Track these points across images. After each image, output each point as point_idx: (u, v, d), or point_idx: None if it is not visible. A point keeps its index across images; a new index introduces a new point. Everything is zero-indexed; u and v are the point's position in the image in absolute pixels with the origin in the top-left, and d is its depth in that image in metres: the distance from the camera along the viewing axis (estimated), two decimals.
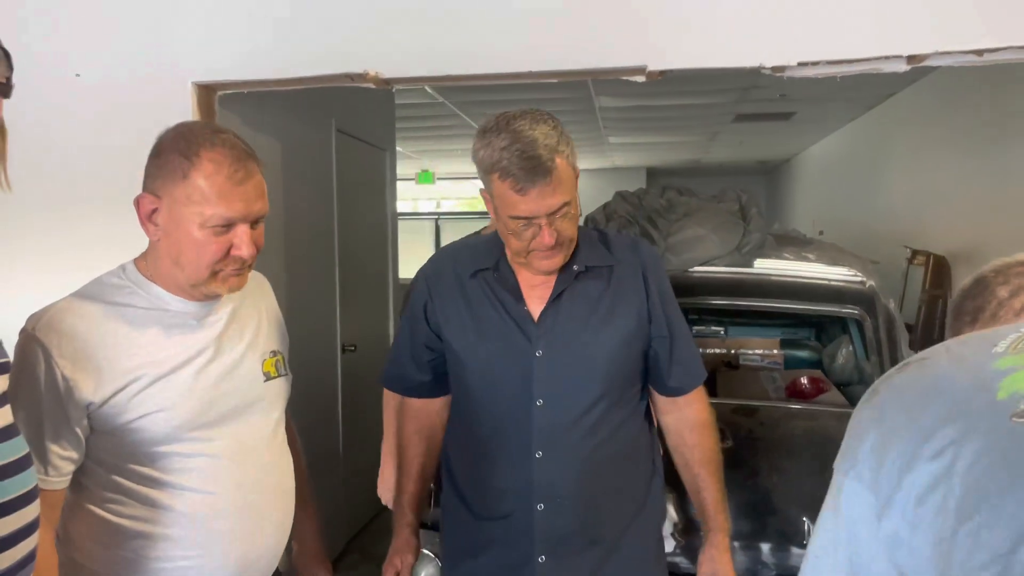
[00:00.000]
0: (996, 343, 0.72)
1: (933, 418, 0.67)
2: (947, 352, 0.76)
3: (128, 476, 1.27)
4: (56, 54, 2.35)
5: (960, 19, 1.99)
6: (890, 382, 0.75)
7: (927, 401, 0.69)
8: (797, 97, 6.26)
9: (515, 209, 1.42)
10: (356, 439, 3.82)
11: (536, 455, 1.51)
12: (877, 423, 0.72)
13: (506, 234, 1.49)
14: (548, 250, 1.45)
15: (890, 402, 0.73)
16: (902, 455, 0.68)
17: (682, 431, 1.63)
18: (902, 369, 0.76)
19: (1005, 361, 0.69)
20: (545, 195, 1.40)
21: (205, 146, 1.24)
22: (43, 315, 1.25)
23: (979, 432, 0.64)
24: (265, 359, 1.41)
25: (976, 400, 0.66)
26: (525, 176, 1.39)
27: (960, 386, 0.69)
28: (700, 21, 2.11)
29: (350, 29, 2.25)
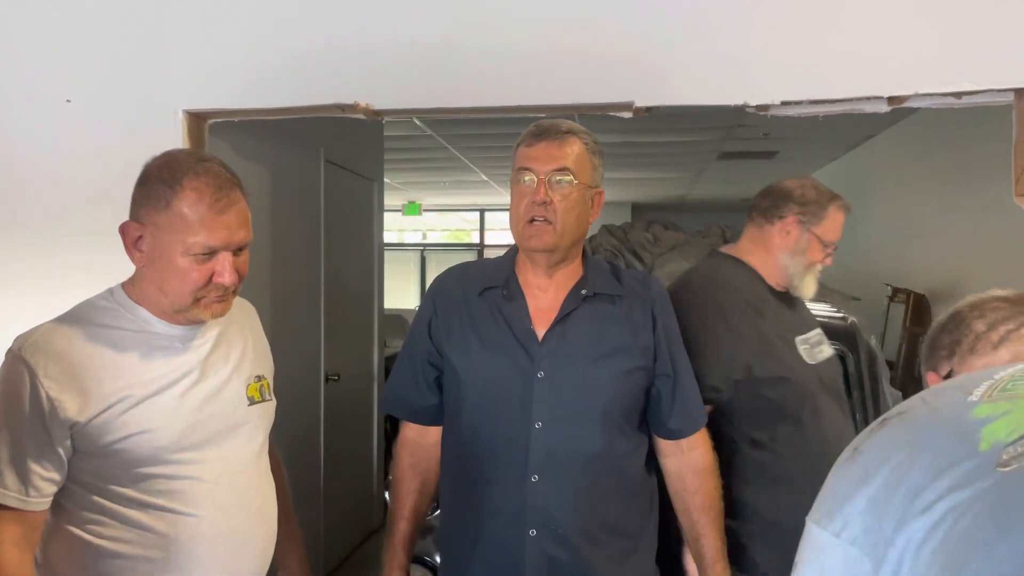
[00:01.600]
0: (971, 391, 0.73)
1: (921, 473, 0.68)
2: (924, 404, 0.76)
3: (110, 497, 1.26)
4: (47, 80, 2.36)
5: (939, 62, 2.04)
6: (872, 439, 0.76)
7: (913, 458, 0.70)
8: (780, 136, 6.36)
9: (522, 161, 1.50)
10: (337, 469, 3.79)
11: (532, 479, 1.49)
12: (864, 483, 0.72)
13: (512, 207, 1.54)
14: (541, 222, 1.48)
15: (875, 461, 0.73)
16: (895, 514, 0.68)
17: (683, 475, 1.60)
18: (883, 425, 0.76)
19: (981, 410, 0.70)
20: (551, 150, 1.49)
21: (188, 175, 1.25)
22: (30, 336, 1.26)
23: (966, 485, 0.65)
24: (250, 383, 1.41)
25: (959, 452, 0.67)
26: (537, 131, 1.51)
27: (942, 440, 0.70)
28: (686, 59, 2.15)
29: (341, 60, 2.27)
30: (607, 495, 1.53)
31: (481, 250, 11.64)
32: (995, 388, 0.72)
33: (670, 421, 1.58)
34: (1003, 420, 0.68)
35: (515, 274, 1.59)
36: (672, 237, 2.86)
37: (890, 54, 2.07)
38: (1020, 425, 0.67)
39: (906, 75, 2.06)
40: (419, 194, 10.12)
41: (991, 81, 2.03)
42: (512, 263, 1.61)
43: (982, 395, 0.72)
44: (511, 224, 1.57)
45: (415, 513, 1.66)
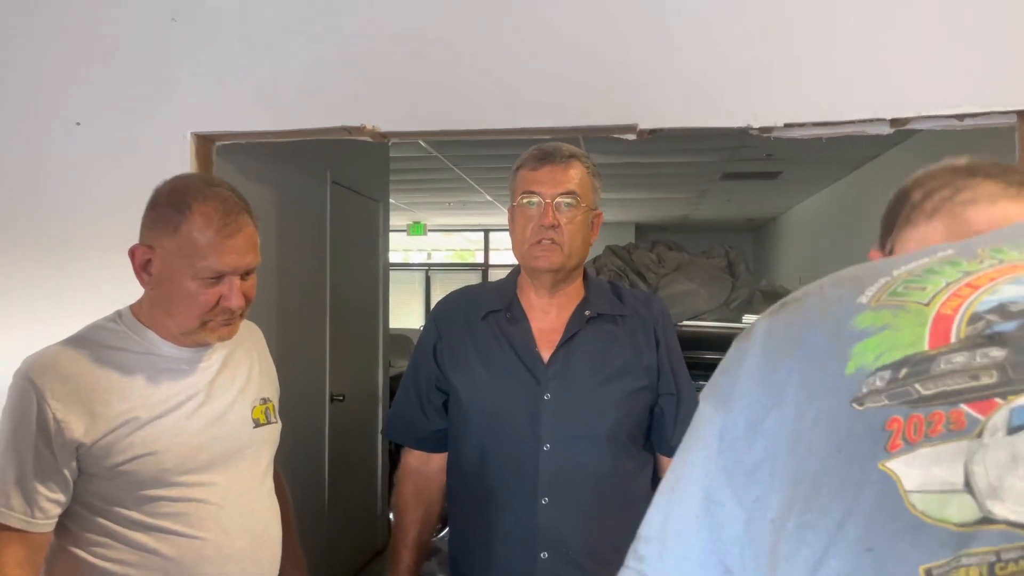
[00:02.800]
0: (864, 289, 0.64)
1: (786, 374, 0.61)
2: (820, 293, 0.67)
3: (114, 519, 1.26)
4: (57, 102, 2.39)
5: (942, 85, 2.06)
6: (767, 321, 0.68)
7: (786, 352, 0.63)
8: (783, 157, 6.38)
9: (527, 185, 1.52)
10: (342, 490, 3.78)
11: (542, 501, 1.49)
12: (744, 365, 0.66)
13: (515, 230, 1.55)
14: (548, 243, 1.50)
15: (757, 345, 0.66)
16: (751, 408, 0.62)
17: None
18: (781, 308, 0.69)
19: (863, 319, 0.61)
20: (556, 174, 1.51)
21: (197, 199, 1.27)
22: (38, 358, 1.27)
23: (819, 411, 0.57)
24: (255, 406, 1.42)
25: (827, 367, 0.60)
26: (540, 155, 1.53)
27: (817, 344, 0.61)
28: (690, 82, 2.17)
29: (348, 83, 2.30)
30: (616, 515, 1.53)
31: (486, 270, 11.66)
32: (886, 290, 0.62)
33: (674, 439, 1.59)
34: (876, 339, 0.58)
35: (517, 297, 1.60)
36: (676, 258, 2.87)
37: (893, 76, 2.08)
38: (890, 349, 0.57)
39: (908, 97, 2.08)
40: (424, 214, 10.15)
41: (993, 103, 2.05)
42: (514, 286, 1.62)
43: (872, 297, 0.62)
44: (514, 246, 1.58)
45: (419, 543, 1.66)
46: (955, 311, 0.57)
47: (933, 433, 0.52)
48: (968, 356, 0.54)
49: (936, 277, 0.61)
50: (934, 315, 0.57)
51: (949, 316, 0.57)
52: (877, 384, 0.55)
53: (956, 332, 0.56)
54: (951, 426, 0.52)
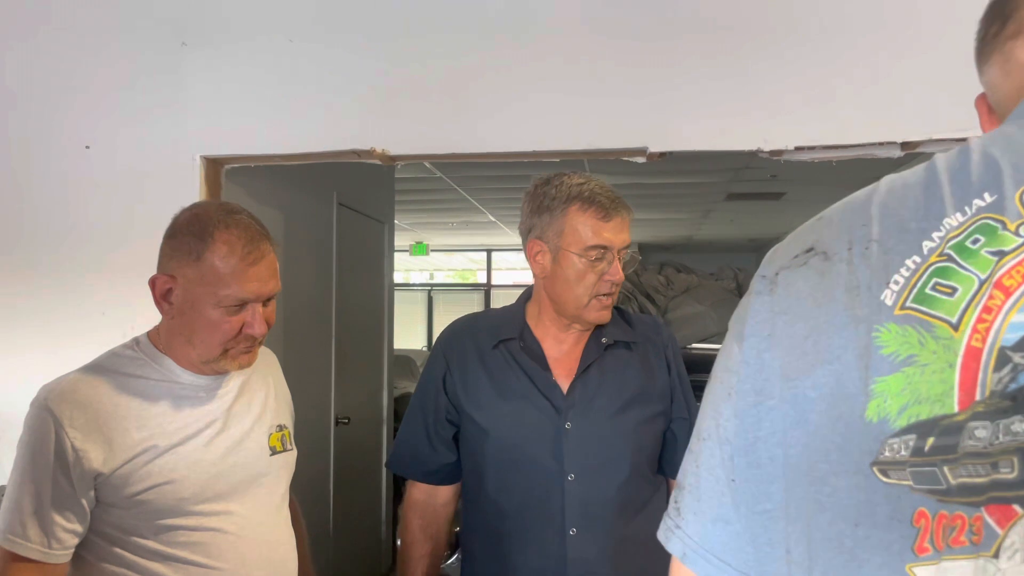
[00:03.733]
0: (892, 271, 0.57)
1: (811, 363, 0.57)
2: (848, 259, 0.60)
3: (132, 549, 1.25)
4: (66, 126, 2.39)
5: (953, 108, 2.05)
6: (789, 278, 0.62)
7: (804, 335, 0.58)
8: (788, 178, 6.38)
9: (594, 238, 1.47)
10: (347, 514, 3.75)
11: (570, 532, 1.47)
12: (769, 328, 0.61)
13: (570, 278, 1.48)
14: (610, 294, 1.49)
15: (784, 309, 0.61)
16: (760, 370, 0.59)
17: None
18: (805, 263, 0.63)
19: (887, 336, 0.56)
20: (624, 227, 1.50)
21: (219, 227, 1.26)
22: (56, 386, 1.25)
23: (838, 457, 0.54)
24: (272, 433, 1.41)
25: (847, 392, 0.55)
26: (610, 203, 1.48)
27: (839, 349, 0.56)
28: (700, 105, 2.17)
29: (357, 106, 2.30)
30: (640, 542, 1.52)
31: (488, 290, 11.65)
32: (914, 283, 0.56)
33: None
34: (901, 380, 0.54)
35: (528, 325, 1.58)
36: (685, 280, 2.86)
37: (903, 100, 2.08)
38: (916, 402, 0.53)
39: (919, 121, 2.08)
40: (426, 235, 10.16)
41: None
42: (523, 313, 1.60)
43: (898, 295, 0.56)
44: (564, 291, 1.51)
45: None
46: (983, 341, 0.55)
47: (955, 544, 0.51)
48: (991, 431, 0.52)
49: (969, 268, 0.56)
50: (963, 351, 0.55)
51: (978, 351, 0.54)
52: (902, 453, 0.53)
53: (982, 383, 0.53)
54: (973, 537, 0.51)
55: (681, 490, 0.69)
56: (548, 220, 1.51)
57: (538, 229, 1.53)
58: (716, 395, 0.66)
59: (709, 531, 0.64)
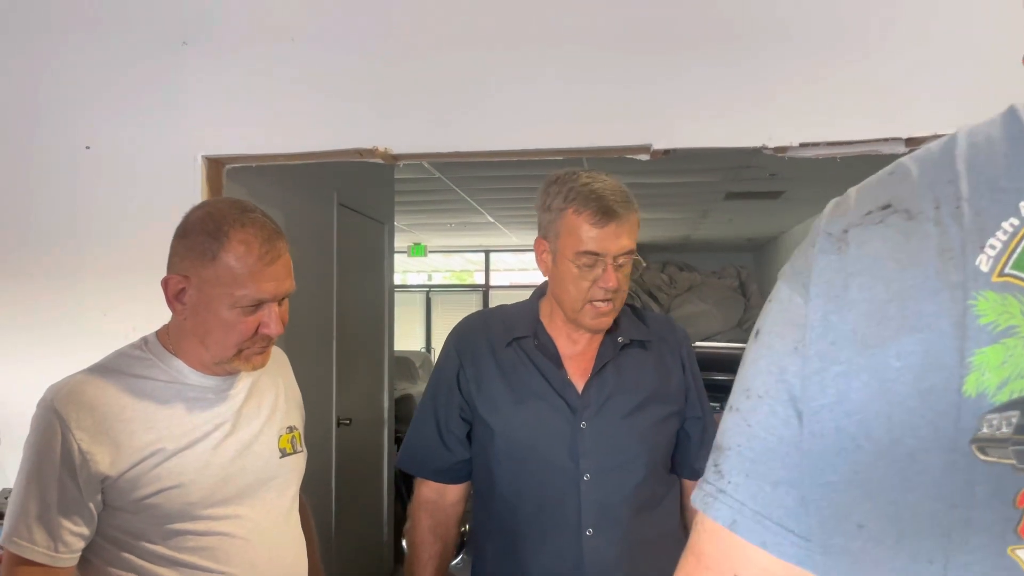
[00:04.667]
0: (986, 241, 0.53)
1: (896, 330, 0.52)
2: (937, 219, 0.55)
3: (140, 554, 1.23)
4: (66, 127, 2.38)
5: (957, 103, 2.05)
6: (863, 237, 0.58)
7: (886, 298, 0.54)
8: (787, 176, 6.38)
9: (587, 244, 1.42)
10: (349, 515, 3.73)
11: (587, 533, 1.46)
12: (839, 289, 0.56)
13: (565, 281, 1.46)
14: (605, 302, 1.44)
15: (859, 270, 0.56)
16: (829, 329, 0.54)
17: None
18: (881, 221, 0.57)
19: (985, 304, 0.51)
20: (619, 234, 1.43)
21: (235, 226, 1.24)
22: (63, 386, 1.23)
23: (929, 431, 0.51)
24: (281, 435, 1.39)
25: (943, 362, 0.51)
26: (604, 209, 1.42)
27: (931, 315, 0.52)
28: (704, 101, 2.16)
29: (359, 105, 2.29)
30: (655, 541, 1.51)
31: (486, 291, 11.64)
32: (1013, 249, 0.51)
33: (697, 462, 1.58)
34: (1000, 351, 0.50)
35: (541, 322, 1.57)
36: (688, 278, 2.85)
37: (908, 96, 2.08)
38: (1017, 376, 0.49)
39: (924, 117, 2.07)
40: (424, 236, 10.14)
41: None
42: (536, 310, 1.59)
43: (995, 260, 0.52)
44: (561, 294, 1.50)
45: None
46: None
47: None
48: None
49: None
50: None
51: None
52: (1003, 430, 0.50)
53: None
54: None
55: (723, 451, 0.63)
56: (550, 220, 1.49)
57: (543, 228, 1.51)
58: (775, 350, 0.60)
59: (768, 494, 0.58)
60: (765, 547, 0.58)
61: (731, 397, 0.63)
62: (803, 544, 0.56)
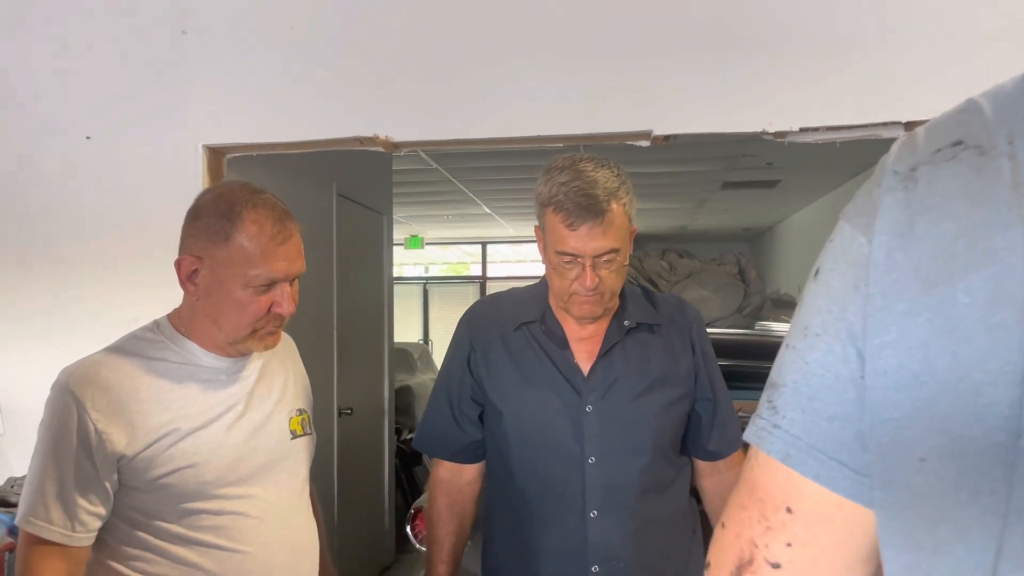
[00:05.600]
0: None
1: (963, 266, 0.51)
2: (1012, 153, 0.52)
3: (155, 533, 1.24)
4: (66, 117, 2.38)
5: (956, 87, 2.06)
6: (933, 174, 0.55)
7: (968, 233, 0.52)
8: (783, 165, 6.39)
9: (563, 244, 1.42)
10: (351, 505, 3.75)
11: (591, 515, 1.47)
12: (905, 227, 0.54)
13: (551, 272, 1.49)
14: (588, 295, 1.44)
15: (928, 207, 0.54)
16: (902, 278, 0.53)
17: (723, 494, 1.58)
18: (953, 157, 0.55)
19: None
20: (595, 235, 1.40)
21: (247, 207, 1.25)
22: (77, 368, 1.25)
23: (999, 381, 0.49)
24: (292, 417, 1.41)
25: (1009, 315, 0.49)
26: (577, 211, 1.40)
27: (1008, 255, 0.50)
28: (705, 87, 2.17)
29: (359, 93, 2.29)
30: (660, 524, 1.52)
31: (484, 283, 11.64)
32: None
33: (710, 443, 1.58)
34: None
35: (550, 306, 1.58)
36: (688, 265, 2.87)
37: (907, 80, 2.09)
38: None
39: (923, 101, 2.08)
40: (421, 227, 10.14)
41: None
42: (546, 294, 1.60)
43: None
44: (553, 292, 1.52)
45: (453, 555, 1.63)
46: None
47: None
48: None
49: None
50: None
51: None
52: None
53: None
54: None
55: (777, 388, 0.62)
56: (539, 212, 1.51)
57: (537, 217, 1.53)
58: (834, 288, 0.59)
59: (824, 429, 0.58)
60: (818, 480, 0.58)
61: (788, 335, 0.63)
62: (858, 479, 0.57)
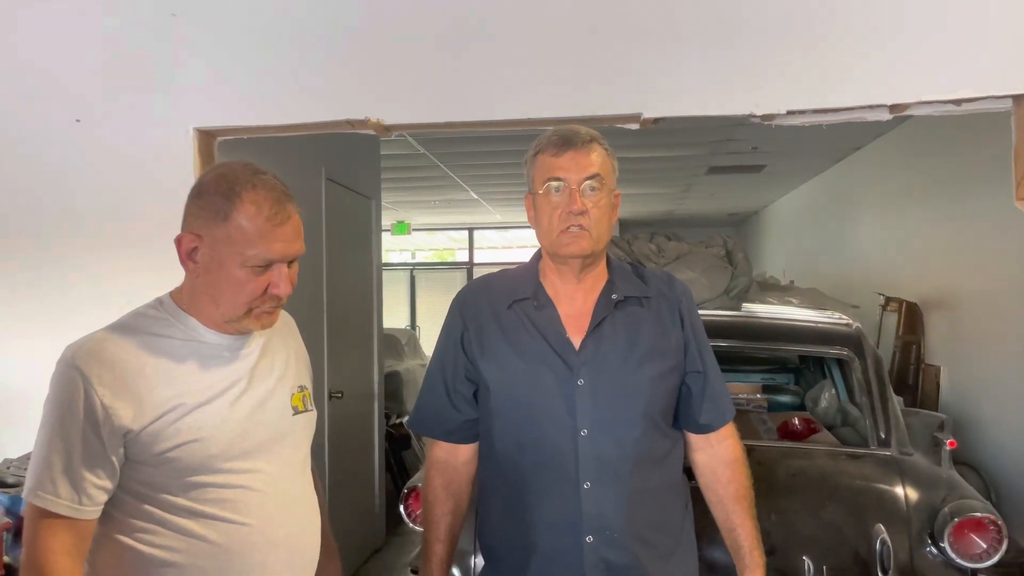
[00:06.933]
0: None
1: None
2: None
3: (161, 506, 1.26)
4: (57, 100, 2.37)
5: (940, 70, 2.09)
6: None
7: None
8: (768, 150, 6.43)
9: (549, 171, 1.50)
10: (341, 488, 3.77)
11: (584, 486, 1.50)
12: None
13: (540, 215, 1.53)
14: (576, 230, 1.48)
15: None
16: None
17: (715, 468, 1.62)
18: None
19: None
20: (579, 159, 1.49)
21: (246, 187, 1.27)
22: (83, 344, 1.26)
23: None
24: (294, 393, 1.42)
25: None
26: (561, 143, 1.51)
27: None
28: (693, 70, 2.19)
29: (350, 76, 2.30)
30: (654, 495, 1.55)
31: (471, 269, 11.65)
32: None
33: (701, 416, 1.60)
34: None
35: (541, 283, 1.60)
36: (676, 248, 2.90)
37: (892, 63, 2.11)
38: None
39: (907, 83, 2.11)
40: (408, 213, 10.13)
41: (990, 88, 2.08)
42: (536, 272, 1.62)
43: None
44: (540, 235, 1.56)
45: (450, 535, 1.65)
46: None
47: None
48: None
49: None
50: None
51: None
52: None
53: None
54: None
55: None
56: (527, 172, 1.58)
57: (527, 180, 1.59)
58: None
59: None
60: None
61: None
62: None
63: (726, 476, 1.61)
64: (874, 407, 2.59)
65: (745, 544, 1.59)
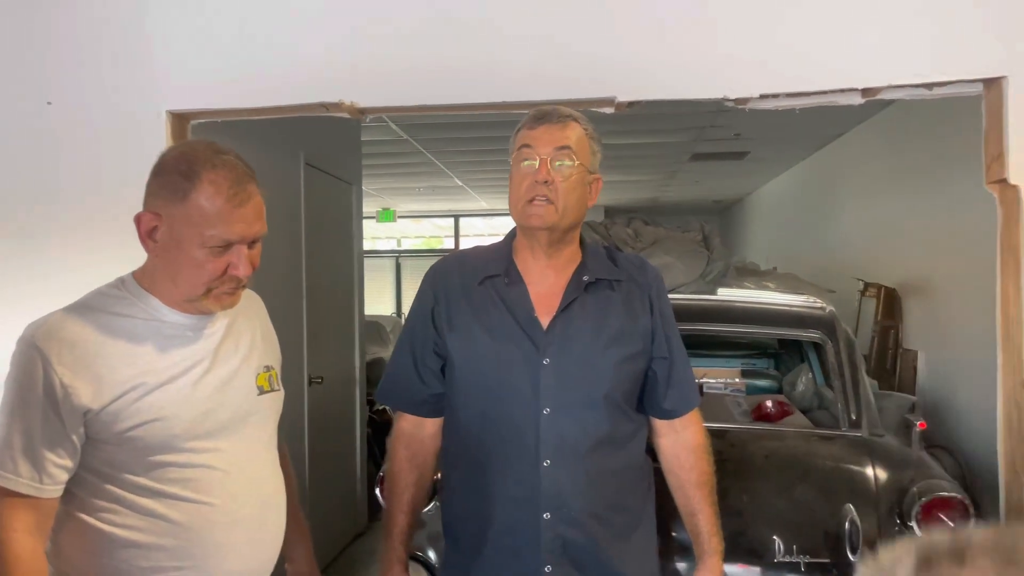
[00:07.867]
0: None
1: None
2: None
3: (123, 486, 1.27)
4: (27, 82, 2.35)
5: (911, 54, 2.11)
6: None
7: None
8: (751, 136, 6.45)
9: (523, 140, 1.54)
10: (322, 472, 3.78)
11: (544, 464, 1.52)
12: None
13: (512, 184, 1.56)
14: (543, 200, 1.50)
15: None
16: None
17: (678, 453, 1.64)
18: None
19: None
20: (552, 132, 1.53)
21: (206, 167, 1.26)
22: (43, 324, 1.26)
23: None
24: (259, 373, 1.42)
25: None
26: (538, 116, 1.55)
27: None
28: (666, 54, 2.19)
29: (325, 59, 2.29)
30: (614, 476, 1.57)
31: None
32: None
33: (665, 402, 1.62)
34: None
35: (514, 261, 1.61)
36: (653, 232, 2.91)
37: (864, 47, 2.13)
38: None
39: (879, 67, 2.13)
40: (393, 201, 10.11)
41: (961, 72, 2.10)
42: (510, 249, 1.63)
43: None
44: (511, 204, 1.58)
45: (413, 507, 1.66)
46: None
47: None
48: None
49: None
50: None
51: None
52: None
53: None
54: None
55: None
56: (511, 149, 1.60)
57: (512, 160, 1.60)
58: None
59: None
60: None
61: None
62: None
63: (689, 462, 1.63)
64: (846, 389, 2.62)
65: (705, 530, 1.62)
